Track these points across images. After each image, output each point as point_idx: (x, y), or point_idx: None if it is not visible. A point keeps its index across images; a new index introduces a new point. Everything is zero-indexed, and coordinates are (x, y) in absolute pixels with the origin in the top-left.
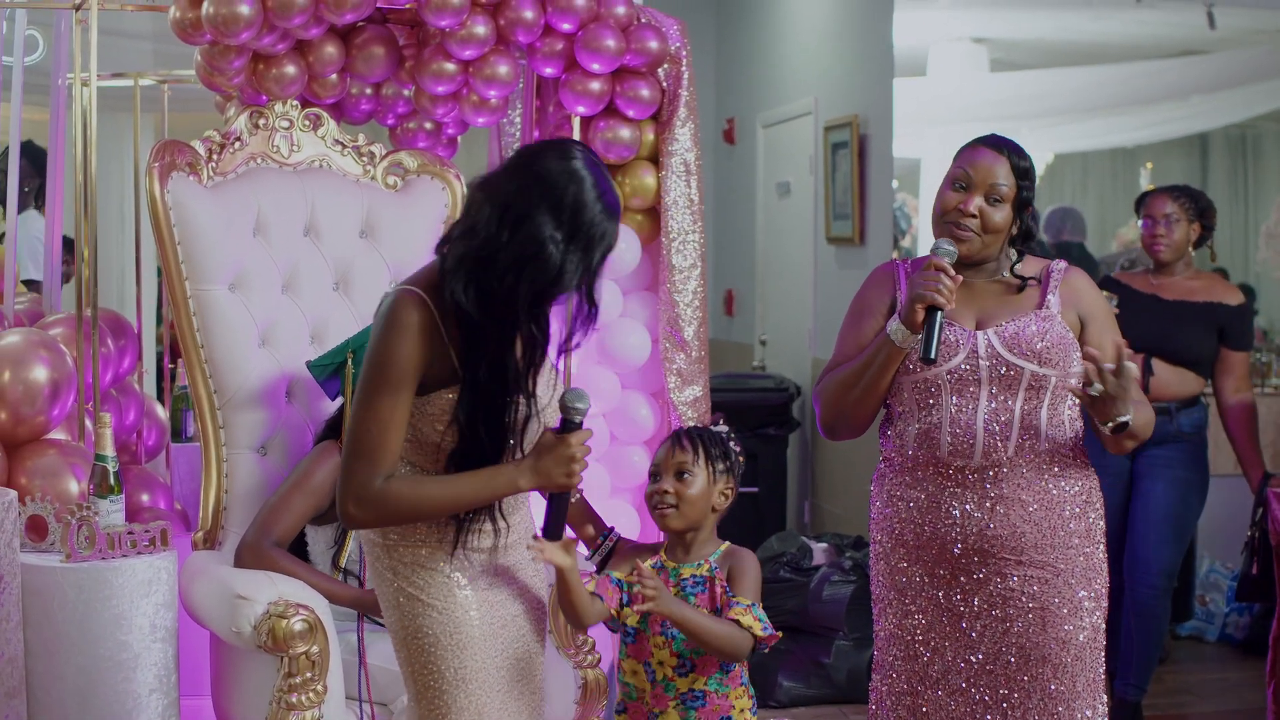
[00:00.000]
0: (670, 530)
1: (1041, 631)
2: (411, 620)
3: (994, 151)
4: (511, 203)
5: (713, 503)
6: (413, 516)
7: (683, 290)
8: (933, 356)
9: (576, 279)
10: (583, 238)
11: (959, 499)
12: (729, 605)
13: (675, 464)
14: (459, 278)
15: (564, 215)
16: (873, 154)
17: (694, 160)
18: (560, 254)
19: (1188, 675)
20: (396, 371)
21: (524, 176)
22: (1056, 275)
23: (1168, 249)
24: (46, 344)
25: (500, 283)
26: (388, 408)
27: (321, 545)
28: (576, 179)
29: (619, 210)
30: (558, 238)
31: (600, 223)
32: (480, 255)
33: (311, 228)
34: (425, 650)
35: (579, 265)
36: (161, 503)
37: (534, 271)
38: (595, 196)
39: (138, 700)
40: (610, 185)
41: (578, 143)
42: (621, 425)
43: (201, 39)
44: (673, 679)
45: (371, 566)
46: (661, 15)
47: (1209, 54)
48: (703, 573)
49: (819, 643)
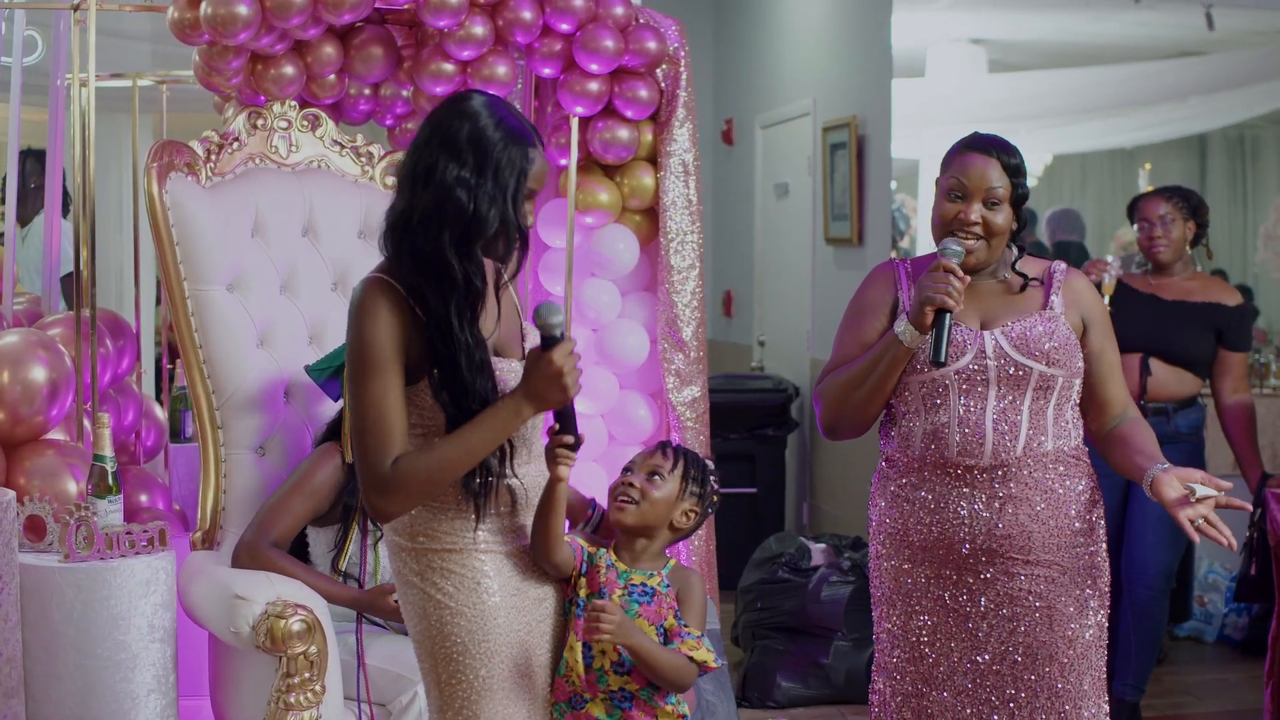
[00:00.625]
0: (621, 525)
1: (1049, 630)
2: (439, 628)
3: (982, 155)
4: (416, 163)
5: (672, 517)
6: (435, 484)
7: (681, 291)
8: (943, 359)
9: (497, 210)
10: (490, 168)
11: (967, 499)
12: (680, 634)
13: (650, 465)
14: (391, 249)
15: (464, 154)
16: (871, 155)
17: (692, 161)
18: (470, 192)
19: (1186, 676)
20: (375, 354)
21: (422, 136)
22: (1059, 277)
23: (1167, 249)
24: (45, 344)
25: (425, 239)
26: (377, 392)
27: (322, 547)
28: (468, 115)
29: (527, 133)
30: (464, 177)
31: (503, 149)
32: (401, 222)
33: (310, 228)
34: (453, 659)
35: (493, 196)
36: (160, 503)
37: (450, 217)
38: (493, 125)
39: (136, 700)
40: (511, 113)
41: (475, 90)
42: (620, 425)
43: (200, 39)
44: (608, 671)
45: (398, 573)
46: (660, 16)
47: (1207, 55)
48: (653, 584)
49: (817, 643)
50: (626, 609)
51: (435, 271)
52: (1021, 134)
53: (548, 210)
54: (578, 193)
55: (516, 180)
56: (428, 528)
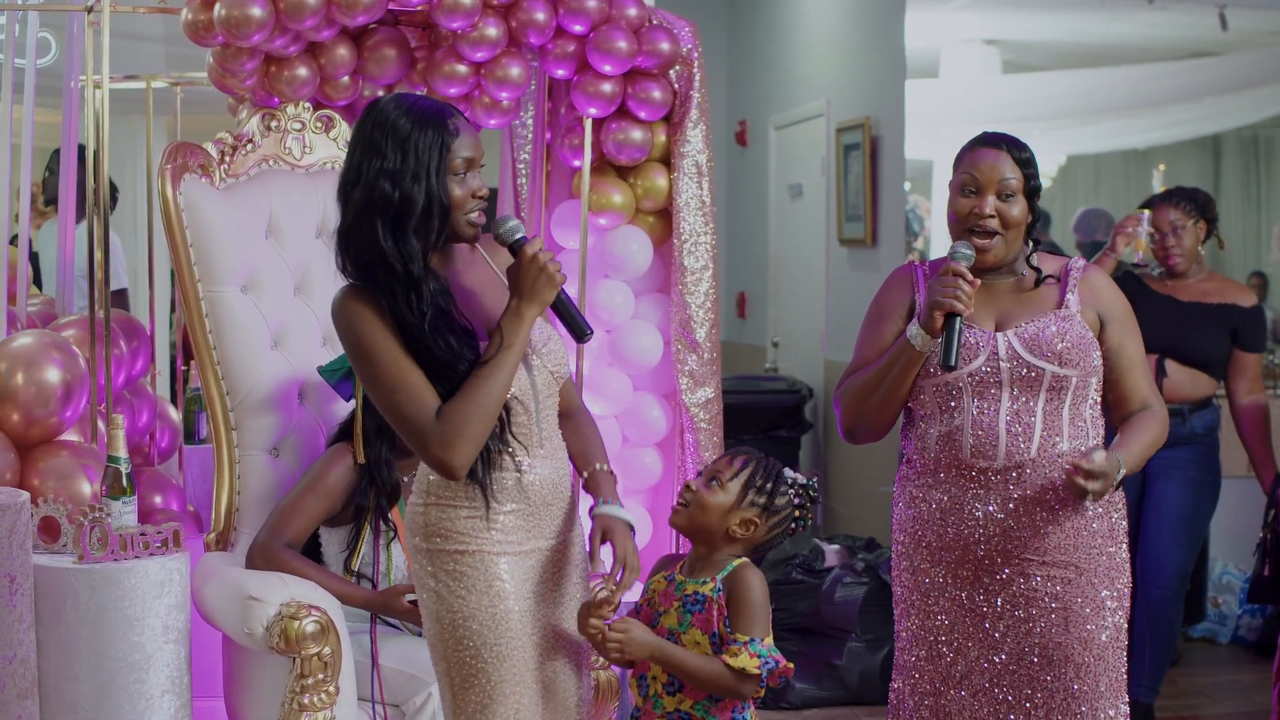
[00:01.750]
0: (674, 526)
1: (1065, 631)
2: (452, 630)
3: (993, 149)
4: (345, 174)
5: (729, 525)
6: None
7: (694, 292)
8: (953, 363)
9: (420, 188)
10: (410, 150)
11: (982, 500)
12: (727, 641)
13: (713, 470)
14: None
15: (381, 146)
16: (884, 156)
17: (706, 162)
18: (392, 177)
19: (1200, 677)
20: (373, 340)
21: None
22: (1075, 274)
23: (1182, 258)
24: (59, 345)
25: (362, 238)
26: (389, 365)
27: (335, 547)
28: (375, 112)
29: (441, 109)
30: (385, 166)
31: (417, 129)
32: (342, 230)
33: (324, 229)
34: (466, 662)
35: (415, 175)
36: (174, 504)
37: (378, 207)
38: (401, 112)
39: (150, 701)
40: (419, 99)
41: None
42: (633, 427)
43: (213, 41)
44: (661, 695)
45: (416, 575)
46: (673, 17)
47: (1221, 55)
48: (706, 591)
49: (831, 644)
50: (680, 621)
51: (378, 269)
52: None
53: (561, 212)
54: (591, 194)
55: (439, 155)
56: (441, 528)
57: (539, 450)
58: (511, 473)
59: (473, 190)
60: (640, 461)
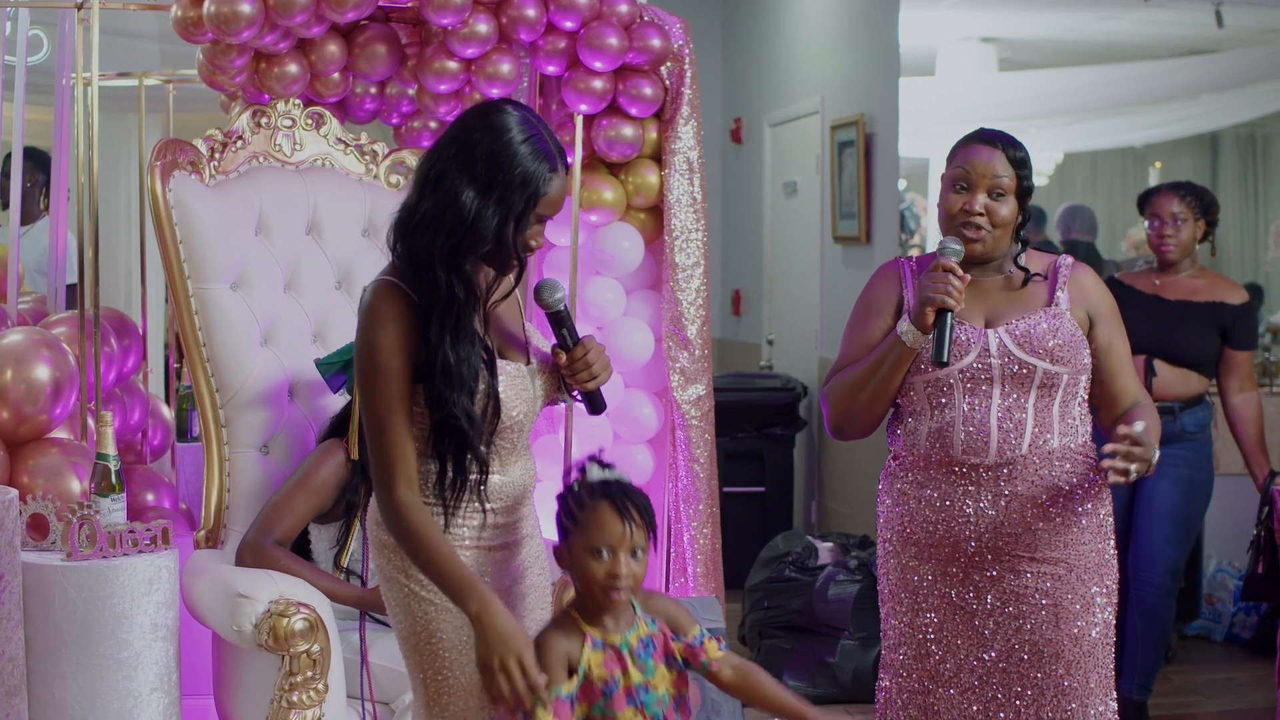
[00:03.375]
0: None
1: (1055, 628)
2: (424, 625)
3: (987, 146)
4: (431, 165)
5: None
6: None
7: (686, 289)
8: (945, 359)
9: (495, 229)
10: (499, 187)
11: (973, 496)
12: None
13: (632, 544)
14: (392, 246)
15: (477, 167)
16: (879, 153)
17: (697, 158)
18: (474, 205)
19: (1195, 675)
20: (381, 362)
21: (446, 137)
22: (1064, 272)
23: (1176, 249)
24: (49, 343)
25: (419, 243)
26: (383, 407)
27: (324, 544)
28: (492, 129)
29: (550, 156)
30: (470, 190)
31: (518, 170)
32: (403, 221)
33: (314, 226)
34: (438, 655)
35: (496, 214)
36: (166, 502)
37: (446, 226)
38: (515, 144)
39: (139, 699)
40: (540, 133)
41: (508, 100)
42: (625, 424)
43: (203, 37)
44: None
45: (381, 570)
46: (664, 13)
47: (1218, 53)
48: (645, 632)
49: (824, 642)
50: (645, 671)
51: (424, 276)
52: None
53: None
54: (582, 191)
55: (525, 203)
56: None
57: (511, 459)
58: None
59: (535, 240)
60: (632, 459)
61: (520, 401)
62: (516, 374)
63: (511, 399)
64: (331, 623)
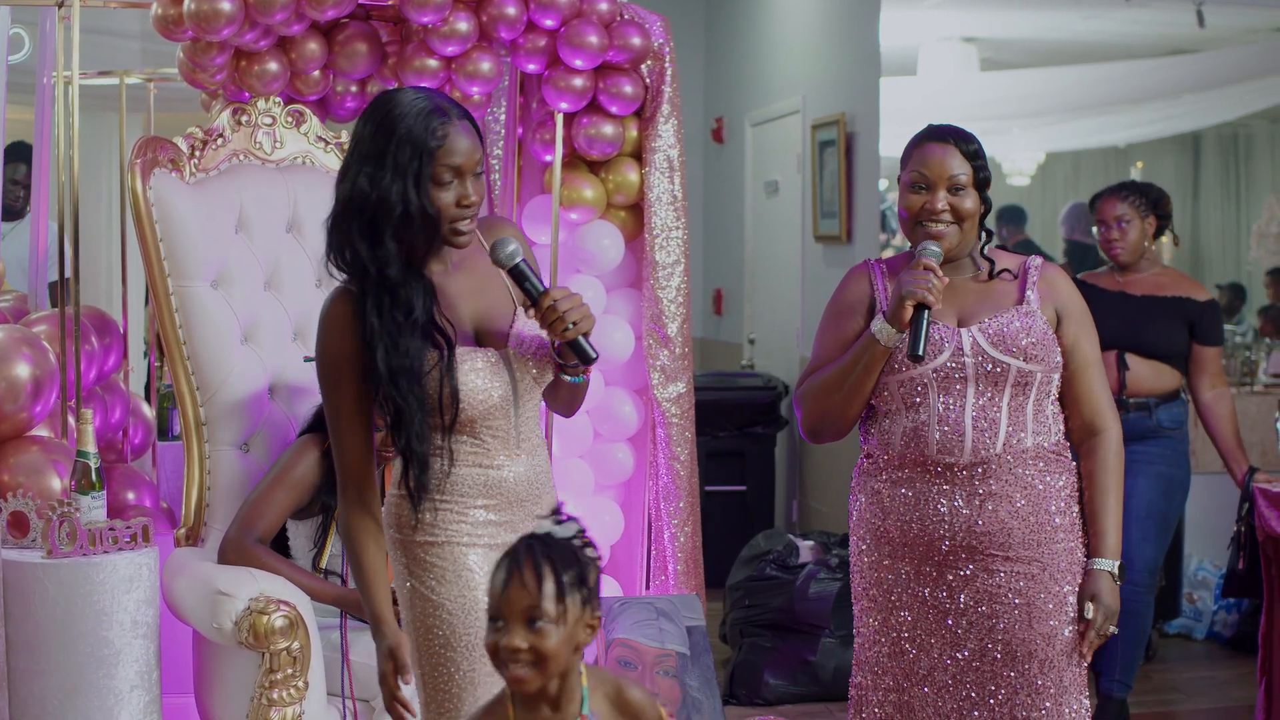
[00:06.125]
0: (528, 692)
1: (1028, 627)
2: (424, 621)
3: (940, 144)
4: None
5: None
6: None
7: (666, 287)
8: (921, 353)
9: (398, 192)
10: (390, 152)
11: (947, 495)
12: None
13: (524, 609)
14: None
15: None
16: (860, 152)
17: (677, 156)
18: (371, 178)
19: (1175, 673)
20: (330, 370)
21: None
22: (1034, 271)
23: (1125, 251)
24: (29, 341)
25: (338, 234)
26: (333, 410)
27: (302, 540)
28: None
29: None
30: (367, 167)
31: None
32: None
33: (294, 224)
34: (438, 652)
35: (394, 179)
36: (147, 500)
37: (355, 207)
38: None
39: (119, 696)
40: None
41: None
42: (605, 422)
43: (183, 35)
44: None
45: (393, 565)
46: (644, 11)
47: (1200, 53)
48: None
49: (805, 640)
50: None
51: (353, 266)
52: (1014, 132)
53: (533, 207)
54: (562, 189)
55: (419, 159)
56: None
57: (516, 450)
58: (479, 469)
59: (459, 198)
60: (612, 456)
61: (491, 388)
62: (485, 361)
63: (478, 386)
64: (311, 620)
